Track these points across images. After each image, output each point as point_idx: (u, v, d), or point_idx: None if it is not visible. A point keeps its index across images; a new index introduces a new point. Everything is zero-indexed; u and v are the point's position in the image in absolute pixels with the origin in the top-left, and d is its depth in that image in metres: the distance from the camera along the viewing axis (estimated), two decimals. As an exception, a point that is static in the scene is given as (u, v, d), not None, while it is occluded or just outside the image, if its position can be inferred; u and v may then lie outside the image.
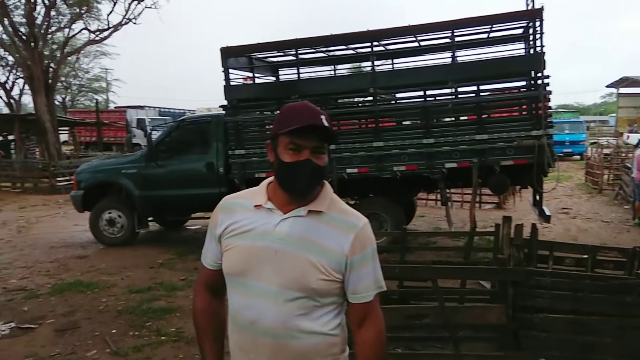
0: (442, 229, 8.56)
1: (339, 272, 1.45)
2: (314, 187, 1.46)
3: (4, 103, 27.58)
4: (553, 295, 3.43)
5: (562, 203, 11.75)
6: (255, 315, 1.45)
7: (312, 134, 1.41)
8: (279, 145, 1.45)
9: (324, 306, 1.46)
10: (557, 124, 16.84)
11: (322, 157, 1.44)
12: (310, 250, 1.43)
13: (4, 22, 17.71)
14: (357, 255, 1.45)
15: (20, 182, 15.83)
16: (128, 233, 7.97)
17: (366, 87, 7.17)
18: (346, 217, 1.49)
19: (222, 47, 7.39)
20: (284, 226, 1.45)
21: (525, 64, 6.97)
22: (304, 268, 1.42)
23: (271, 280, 1.43)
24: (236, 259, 1.48)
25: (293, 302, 1.42)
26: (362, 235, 1.47)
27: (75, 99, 42.70)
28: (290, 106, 1.49)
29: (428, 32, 7.38)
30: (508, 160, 6.69)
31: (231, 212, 1.52)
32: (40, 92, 17.37)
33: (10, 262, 7.09)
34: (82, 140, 28.76)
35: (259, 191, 1.54)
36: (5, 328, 4.65)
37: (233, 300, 1.52)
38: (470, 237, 5.08)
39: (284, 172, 1.44)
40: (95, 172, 8.33)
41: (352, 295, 1.49)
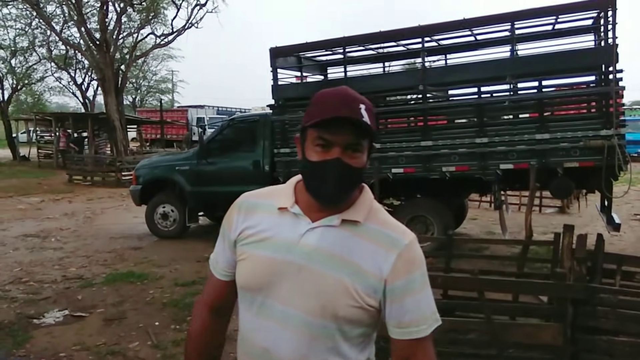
0: (496, 233, 8.12)
1: (375, 300, 1.18)
2: (346, 193, 1.20)
3: (80, 103, 29.59)
4: (619, 315, 3.01)
5: (634, 209, 10.74)
6: (270, 343, 1.20)
7: (344, 128, 1.14)
8: (306, 139, 1.20)
9: (353, 338, 1.20)
10: (632, 122, 15.53)
11: (358, 157, 1.17)
12: (342, 270, 1.16)
13: (80, 30, 18.91)
14: (401, 280, 1.17)
15: (90, 175, 16.78)
16: (179, 227, 8.22)
17: (416, 85, 6.92)
18: (389, 230, 1.21)
19: (270, 47, 7.43)
20: (312, 237, 1.19)
21: (595, 57, 6.34)
22: (333, 292, 1.16)
23: (292, 303, 1.18)
24: (253, 272, 1.23)
25: (318, 332, 1.17)
26: (408, 254, 1.19)
27: (144, 99, 45.09)
28: (324, 92, 1.21)
29: (485, 25, 6.94)
30: (573, 162, 6.13)
31: (249, 213, 1.28)
32: (111, 92, 18.39)
33: (72, 251, 7.47)
34: (148, 138, 30.25)
35: (284, 191, 1.28)
36: (60, 315, 4.86)
37: (245, 319, 1.27)
38: (524, 246, 4.68)
39: (310, 173, 1.19)
40: (152, 168, 8.65)
41: (395, 329, 1.20)
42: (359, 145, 1.17)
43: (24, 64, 28.05)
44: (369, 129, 1.16)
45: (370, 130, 1.16)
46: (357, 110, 1.14)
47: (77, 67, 28.57)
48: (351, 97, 1.17)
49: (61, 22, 23.13)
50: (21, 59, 27.65)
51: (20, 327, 4.52)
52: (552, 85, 6.62)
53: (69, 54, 26.77)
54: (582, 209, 10.31)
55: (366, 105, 1.17)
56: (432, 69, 7.37)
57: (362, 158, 1.18)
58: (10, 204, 12.10)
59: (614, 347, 2.99)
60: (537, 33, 7.15)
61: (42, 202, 12.51)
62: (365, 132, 1.16)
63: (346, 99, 1.16)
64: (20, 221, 9.88)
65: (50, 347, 4.13)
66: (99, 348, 4.10)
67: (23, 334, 4.38)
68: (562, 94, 6.84)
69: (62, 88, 33.00)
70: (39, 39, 26.17)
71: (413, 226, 6.97)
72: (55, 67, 28.43)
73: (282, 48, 7.51)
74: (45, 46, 26.47)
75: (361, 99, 1.18)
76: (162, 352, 4.03)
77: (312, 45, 7.59)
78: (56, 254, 7.31)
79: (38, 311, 4.93)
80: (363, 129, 1.15)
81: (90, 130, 20.09)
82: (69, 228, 9.24)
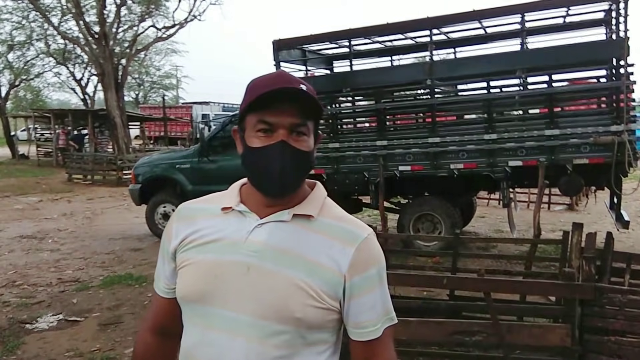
0: (504, 231, 8.02)
1: (335, 299, 1.07)
2: (295, 181, 1.08)
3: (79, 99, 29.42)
4: (629, 315, 2.95)
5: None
6: (216, 355, 1.05)
7: (287, 106, 1.03)
8: (246, 129, 1.08)
9: (313, 345, 1.07)
10: (639, 119, 15.41)
11: (304, 140, 1.06)
12: (296, 267, 1.05)
13: (79, 23, 18.69)
14: (359, 276, 1.07)
15: (91, 174, 16.57)
16: (181, 227, 8.04)
17: (423, 79, 6.74)
18: (345, 224, 1.11)
19: (273, 39, 7.24)
20: (261, 234, 1.07)
21: (606, 50, 6.25)
22: (287, 291, 1.03)
23: (242, 308, 1.04)
24: (194, 279, 1.09)
25: (271, 338, 1.03)
26: (366, 248, 1.08)
27: (147, 95, 44.85)
28: (258, 77, 1.10)
29: (495, 16, 6.77)
30: (582, 159, 6.06)
31: (190, 219, 1.15)
32: (111, 88, 18.20)
33: (70, 253, 7.34)
34: (152, 135, 30.03)
35: (228, 193, 1.16)
36: (54, 320, 4.74)
37: (188, 334, 1.12)
38: (533, 245, 4.58)
39: (253, 161, 1.07)
40: (152, 166, 8.47)
41: (353, 330, 1.10)
42: (304, 127, 1.06)
43: (21, 58, 27.88)
44: (314, 106, 1.06)
45: (316, 107, 1.06)
46: (297, 85, 1.04)
47: (76, 62, 28.39)
48: (288, 75, 1.08)
49: (59, 15, 22.96)
50: (19, 54, 27.48)
51: (12, 333, 4.42)
52: (563, 80, 6.49)
53: (68, 48, 26.57)
54: (591, 206, 10.20)
55: (307, 85, 1.06)
56: (440, 62, 7.21)
57: (308, 141, 1.07)
58: (7, 204, 11.95)
59: (623, 348, 2.95)
60: (547, 26, 7.00)
61: (40, 202, 12.37)
62: (310, 111, 1.06)
63: (283, 76, 1.07)
64: (17, 222, 9.74)
65: (43, 353, 4.02)
66: (93, 354, 3.99)
67: (14, 339, 4.27)
68: (572, 88, 6.71)
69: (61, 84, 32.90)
70: (37, 33, 25.98)
71: (420, 225, 6.87)
72: (54, 62, 28.24)
73: (285, 40, 7.31)
74: (43, 40, 26.28)
75: (301, 80, 1.08)
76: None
77: (316, 37, 7.40)
78: (53, 255, 7.18)
79: (31, 316, 4.81)
80: (307, 106, 1.05)
81: (90, 127, 19.91)
82: (67, 229, 9.10)
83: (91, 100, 28.95)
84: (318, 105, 1.06)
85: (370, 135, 7.13)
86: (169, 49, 38.47)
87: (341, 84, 7.19)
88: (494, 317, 3.09)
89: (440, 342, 3.27)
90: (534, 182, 6.46)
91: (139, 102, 42.03)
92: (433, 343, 3.24)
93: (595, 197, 8.77)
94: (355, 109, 8.07)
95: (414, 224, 6.86)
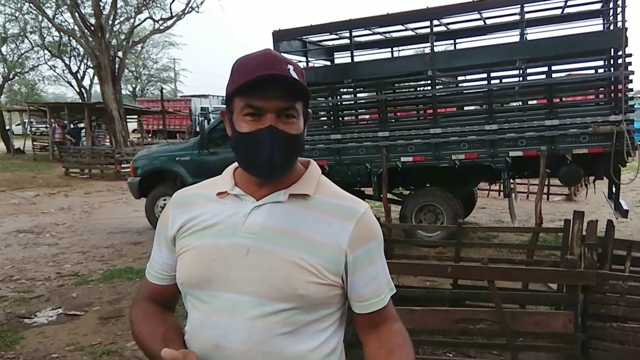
0: (505, 222, 8.06)
1: (337, 274, 1.07)
2: (285, 163, 1.07)
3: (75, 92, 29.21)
4: (630, 301, 3.00)
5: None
6: (219, 337, 1.05)
7: (275, 91, 1.01)
8: (234, 112, 1.06)
9: (317, 321, 1.08)
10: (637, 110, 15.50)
11: (293, 122, 1.05)
12: (295, 246, 1.05)
13: (74, 15, 18.50)
14: (360, 250, 1.08)
15: (88, 168, 16.49)
16: (181, 220, 8.03)
17: (424, 70, 6.73)
18: (342, 201, 1.11)
19: (273, 30, 7.20)
20: (258, 216, 1.08)
21: (604, 41, 6.26)
22: (288, 270, 1.04)
23: (242, 289, 1.04)
24: (194, 263, 1.09)
25: (273, 316, 1.04)
26: (365, 223, 1.10)
27: (145, 88, 44.61)
28: (244, 57, 1.08)
29: (494, 7, 6.81)
30: (581, 149, 6.11)
31: (187, 207, 1.15)
32: (108, 81, 18.04)
33: (68, 247, 7.30)
34: (150, 129, 29.89)
35: (221, 178, 1.17)
36: (53, 314, 4.70)
37: (191, 320, 1.12)
38: (535, 233, 4.61)
39: (242, 146, 1.06)
40: (151, 159, 8.44)
41: (357, 303, 1.12)
42: (292, 110, 1.05)
43: (15, 51, 27.63)
44: (301, 89, 1.04)
45: (304, 90, 1.05)
46: (284, 69, 1.02)
47: (71, 55, 28.16)
48: (276, 56, 1.05)
49: (53, 7, 22.73)
50: (12, 47, 27.24)
51: (10, 328, 4.37)
52: (562, 71, 6.52)
53: (63, 40, 26.34)
54: (589, 196, 10.23)
55: (294, 66, 1.05)
56: (441, 52, 7.22)
57: (298, 124, 1.06)
58: (3, 198, 11.86)
59: (625, 333, 3.01)
60: (546, 17, 7.06)
61: (36, 196, 12.30)
62: (297, 93, 1.05)
63: (270, 57, 1.04)
64: (13, 216, 9.69)
65: (42, 348, 3.99)
66: (94, 348, 3.96)
67: (13, 334, 4.22)
68: (571, 79, 6.73)
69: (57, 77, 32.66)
70: (31, 25, 25.74)
71: (422, 215, 6.91)
72: (49, 54, 28.00)
73: (285, 31, 7.26)
74: (37, 32, 26.03)
75: (288, 60, 1.06)
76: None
77: (317, 28, 7.36)
78: (50, 250, 7.14)
79: (30, 310, 4.77)
80: (295, 89, 1.03)
81: (87, 120, 19.78)
82: (65, 223, 9.06)
83: (87, 94, 28.74)
84: (305, 88, 1.05)
85: (372, 127, 7.14)
86: (166, 42, 38.29)
87: (342, 75, 7.18)
88: (498, 305, 3.12)
89: (445, 330, 3.29)
90: (534, 172, 6.54)
91: (136, 95, 41.82)
92: (437, 331, 3.26)
93: (595, 188, 8.81)
94: (356, 100, 8.06)
95: (416, 215, 6.88)
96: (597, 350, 3.07)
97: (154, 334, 1.11)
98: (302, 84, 1.04)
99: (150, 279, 1.22)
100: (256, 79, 0.99)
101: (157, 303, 1.21)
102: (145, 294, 1.23)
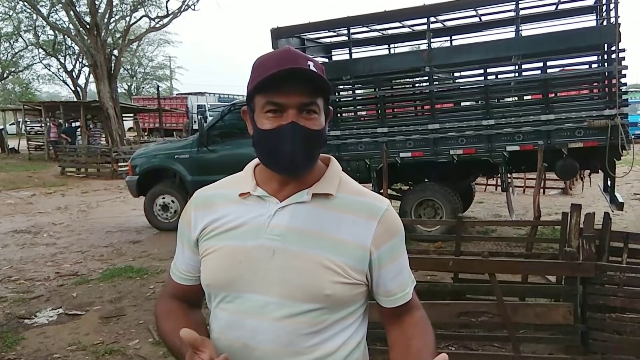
0: (502, 216, 8.13)
1: (362, 273, 1.09)
2: (308, 159, 1.07)
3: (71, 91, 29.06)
4: (628, 292, 3.05)
5: (634, 188, 10.82)
6: (247, 337, 1.07)
7: (295, 87, 1.01)
8: (255, 109, 1.07)
9: (343, 319, 1.10)
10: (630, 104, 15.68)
11: (314, 118, 1.05)
12: (320, 247, 1.06)
13: (69, 13, 18.40)
14: (385, 247, 1.10)
15: (84, 167, 16.39)
16: (181, 218, 8.03)
17: (422, 66, 6.78)
18: (364, 198, 1.12)
19: (271, 28, 7.23)
20: (283, 217, 1.08)
21: (598, 36, 6.35)
22: (314, 271, 1.05)
23: (269, 290, 1.06)
24: (219, 265, 1.10)
25: (300, 316, 1.05)
26: (388, 220, 1.11)
27: (140, 86, 44.44)
28: (264, 55, 1.09)
29: (489, 4, 6.91)
30: (577, 143, 6.19)
31: (209, 207, 1.15)
32: (104, 79, 17.95)
33: (66, 247, 7.26)
34: (146, 127, 29.79)
35: (242, 177, 1.16)
36: (54, 314, 4.67)
37: (218, 321, 1.13)
38: (534, 226, 4.67)
39: (264, 143, 1.06)
40: (149, 157, 8.41)
41: (385, 298, 1.14)
42: (313, 106, 1.05)
43: (9, 50, 27.47)
44: (322, 84, 1.04)
45: (325, 85, 1.05)
46: (305, 65, 1.02)
47: (66, 53, 28.07)
48: (296, 53, 1.05)
49: (48, 5, 22.59)
50: (6, 46, 27.06)
51: (10, 328, 4.31)
52: (557, 66, 6.61)
53: (58, 39, 26.21)
54: (585, 189, 10.33)
55: (315, 63, 1.05)
56: (438, 49, 7.27)
57: (319, 119, 1.06)
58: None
59: (623, 324, 3.06)
60: (540, 13, 7.14)
61: (33, 196, 12.18)
62: (318, 89, 1.05)
63: (290, 54, 1.04)
64: (10, 217, 9.59)
65: (44, 348, 3.96)
66: (96, 347, 3.93)
67: (13, 335, 4.17)
68: (566, 74, 6.80)
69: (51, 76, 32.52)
70: (25, 24, 25.60)
71: (422, 210, 6.97)
72: (44, 53, 27.85)
73: (283, 29, 7.28)
74: (31, 31, 25.91)
75: (308, 57, 1.06)
76: (164, 349, 3.83)
77: (315, 25, 7.40)
78: (49, 250, 7.08)
79: (30, 311, 4.72)
80: (315, 84, 1.03)
81: (82, 119, 19.69)
82: (62, 223, 8.99)
83: (83, 92, 28.62)
84: (326, 83, 1.05)
85: (370, 123, 7.19)
86: (161, 40, 38.19)
87: (341, 72, 7.21)
88: (499, 297, 3.17)
89: (447, 323, 3.34)
90: (531, 166, 6.63)
91: (131, 93, 41.65)
92: (439, 325, 3.30)
93: (591, 181, 8.91)
94: (355, 97, 8.11)
95: (416, 210, 6.94)
96: (596, 341, 3.12)
97: (177, 329, 1.10)
98: (323, 78, 1.04)
99: (175, 278, 1.23)
100: (276, 74, 1.00)
101: (182, 300, 1.23)
102: (170, 291, 1.25)
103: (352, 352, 1.12)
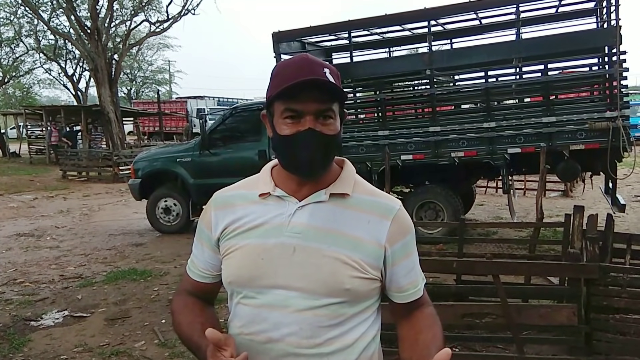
0: (503, 218, 8.13)
1: (377, 268, 1.16)
2: (325, 162, 1.14)
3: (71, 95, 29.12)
4: (631, 293, 3.06)
5: (635, 190, 10.83)
6: (271, 330, 1.12)
7: (312, 94, 1.07)
8: (274, 114, 1.13)
9: (360, 313, 1.16)
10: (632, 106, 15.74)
11: (330, 124, 1.11)
12: (339, 244, 1.12)
13: (70, 18, 18.45)
14: (398, 244, 1.17)
15: (85, 171, 16.40)
16: (183, 221, 8.05)
17: (422, 69, 6.81)
18: (379, 199, 1.20)
19: (273, 32, 7.26)
20: (302, 216, 1.14)
21: (598, 38, 6.36)
22: (334, 266, 1.11)
23: (291, 285, 1.12)
24: (242, 263, 1.15)
25: (321, 309, 1.11)
26: (401, 219, 1.18)
27: (140, 90, 44.53)
28: (282, 62, 1.16)
29: (490, 7, 6.90)
30: (578, 145, 6.20)
31: (230, 208, 1.20)
32: (104, 83, 17.95)
33: (70, 250, 7.28)
34: (146, 131, 29.84)
35: (261, 178, 1.22)
36: (59, 316, 4.69)
37: (240, 317, 1.18)
38: (536, 228, 4.69)
39: (283, 148, 1.13)
40: (152, 160, 8.43)
41: (397, 294, 1.21)
42: (329, 112, 1.11)
43: (10, 55, 27.52)
44: (337, 91, 1.10)
45: (339, 92, 1.11)
46: (321, 74, 1.08)
47: (67, 58, 28.10)
48: (313, 61, 1.12)
49: (49, 10, 22.63)
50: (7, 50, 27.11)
51: (17, 330, 4.34)
52: (557, 68, 6.62)
53: (59, 43, 26.24)
54: (585, 192, 10.33)
55: (330, 69, 1.11)
56: (438, 52, 7.31)
57: (335, 124, 1.12)
58: (1, 202, 11.74)
59: (627, 325, 3.07)
60: (541, 16, 7.15)
61: (35, 199, 12.21)
62: (334, 96, 1.11)
63: (307, 62, 1.11)
64: (13, 220, 9.62)
65: (50, 349, 3.98)
66: (102, 349, 3.96)
67: (20, 337, 4.21)
68: (567, 76, 6.82)
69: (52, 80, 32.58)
70: (26, 29, 25.64)
71: (423, 213, 6.99)
72: (44, 58, 27.90)
73: (285, 33, 7.33)
74: (32, 36, 25.94)
75: (324, 64, 1.13)
76: (171, 351, 3.89)
77: (316, 29, 7.42)
78: (52, 252, 7.10)
79: (35, 313, 4.75)
80: (331, 92, 1.09)
81: (83, 123, 19.71)
82: (65, 226, 9.02)
83: (83, 96, 28.65)
84: (341, 90, 1.11)
85: (372, 126, 7.21)
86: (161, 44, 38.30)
87: (341, 75, 7.22)
88: (503, 299, 3.17)
89: (451, 325, 3.35)
90: (532, 168, 6.65)
91: (131, 97, 41.74)
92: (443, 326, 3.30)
93: (592, 183, 8.92)
94: (356, 100, 8.13)
95: (417, 212, 6.95)
96: (600, 342, 3.13)
97: (193, 324, 1.18)
98: (338, 86, 1.10)
99: (193, 276, 1.28)
100: (295, 84, 1.06)
101: (198, 297, 1.28)
102: (186, 287, 1.30)
103: (369, 345, 1.18)
